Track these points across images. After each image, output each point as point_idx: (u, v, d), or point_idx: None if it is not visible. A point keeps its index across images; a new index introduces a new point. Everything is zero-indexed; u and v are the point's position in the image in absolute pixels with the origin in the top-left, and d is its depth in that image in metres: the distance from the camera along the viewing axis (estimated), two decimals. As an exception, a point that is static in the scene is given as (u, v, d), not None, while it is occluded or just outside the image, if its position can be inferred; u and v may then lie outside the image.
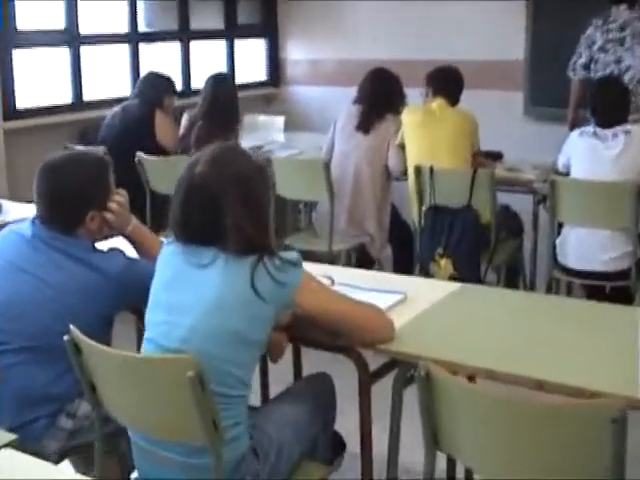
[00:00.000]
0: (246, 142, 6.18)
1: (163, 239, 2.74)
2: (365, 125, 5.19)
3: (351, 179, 5.22)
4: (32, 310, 2.79)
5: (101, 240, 3.02)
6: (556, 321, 2.75)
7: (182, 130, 5.67)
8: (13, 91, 5.89)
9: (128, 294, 2.82)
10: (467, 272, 4.68)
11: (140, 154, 5.40)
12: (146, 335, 2.55)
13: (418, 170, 4.79)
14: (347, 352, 2.68)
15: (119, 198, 2.96)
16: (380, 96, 5.21)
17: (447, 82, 5.07)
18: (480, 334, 2.66)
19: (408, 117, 5.05)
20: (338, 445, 3.16)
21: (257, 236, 2.46)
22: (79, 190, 2.87)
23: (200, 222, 2.48)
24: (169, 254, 2.58)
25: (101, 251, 2.91)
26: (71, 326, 2.48)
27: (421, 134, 4.97)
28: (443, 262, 4.70)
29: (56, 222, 2.87)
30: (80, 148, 3.08)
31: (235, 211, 2.43)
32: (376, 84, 5.25)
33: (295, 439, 2.63)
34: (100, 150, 5.57)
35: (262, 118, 7.05)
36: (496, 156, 5.38)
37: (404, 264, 5.31)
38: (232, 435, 2.44)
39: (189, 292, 2.47)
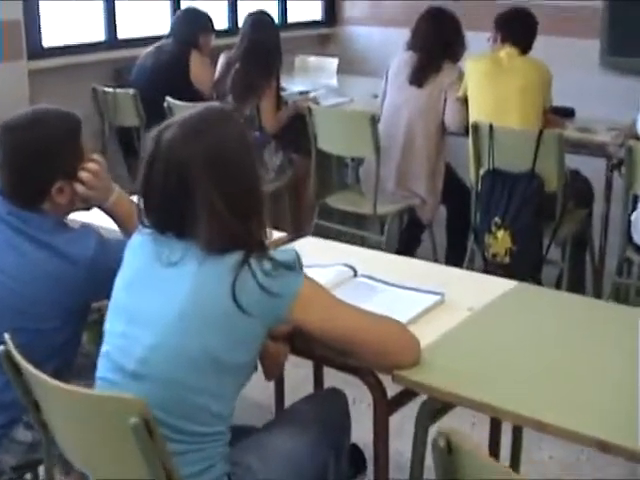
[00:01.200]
0: (294, 86, 5.66)
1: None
2: (419, 77, 4.51)
3: (402, 135, 4.57)
4: (-20, 302, 2.26)
5: (77, 211, 2.46)
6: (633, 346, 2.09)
7: (218, 73, 5.05)
8: (39, 28, 5.30)
9: (100, 284, 2.22)
10: (527, 246, 4.04)
11: (169, 99, 4.81)
12: (103, 347, 1.99)
13: (476, 128, 4.12)
14: (361, 374, 2.09)
15: (93, 166, 2.37)
16: (436, 42, 4.49)
17: (518, 27, 4.35)
18: (531, 361, 2.04)
19: (472, 67, 4.36)
20: (359, 461, 2.61)
21: (239, 228, 1.87)
22: (42, 156, 2.29)
23: (163, 203, 1.90)
24: (137, 244, 2.01)
25: (69, 231, 2.35)
26: (6, 335, 1.92)
27: (486, 87, 4.27)
28: (500, 234, 4.05)
29: (16, 195, 2.31)
30: (48, 105, 2.41)
31: (207, 193, 1.84)
32: (432, 27, 4.53)
33: (291, 477, 2.06)
34: (130, 92, 5.04)
35: (314, 60, 6.40)
36: (567, 113, 4.66)
37: (458, 231, 4.67)
38: (204, 482, 1.88)
39: (153, 297, 1.90)
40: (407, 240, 5.04)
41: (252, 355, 1.92)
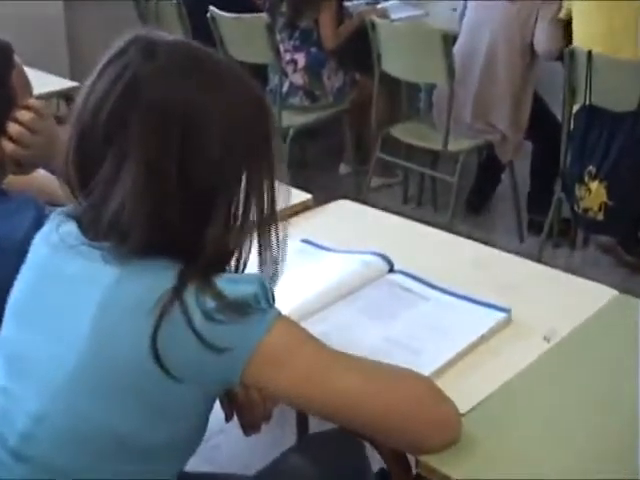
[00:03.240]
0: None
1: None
2: (507, -12, 3.65)
3: (482, 59, 3.74)
4: None
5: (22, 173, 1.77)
6: None
7: (270, -20, 4.27)
8: None
9: None
10: (626, 202, 3.22)
11: (213, 9, 4.05)
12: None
13: (572, 54, 3.28)
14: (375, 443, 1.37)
15: (25, 116, 1.66)
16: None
17: None
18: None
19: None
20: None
21: (179, 225, 1.16)
22: None
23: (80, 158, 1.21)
24: (45, 235, 1.30)
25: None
26: None
27: (596, 10, 3.36)
28: (594, 186, 3.24)
29: None
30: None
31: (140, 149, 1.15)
32: None
33: None
34: (173, 1, 4.30)
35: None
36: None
37: (545, 173, 3.86)
38: None
39: (44, 338, 1.20)
40: (484, 180, 4.27)
41: (188, 428, 1.21)
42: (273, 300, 1.18)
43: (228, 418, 1.46)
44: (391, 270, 1.77)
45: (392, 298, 1.67)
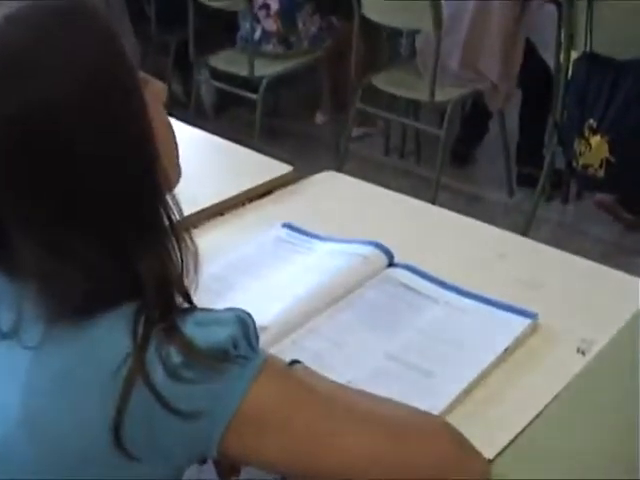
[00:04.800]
0: None
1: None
2: None
3: (473, 3, 3.44)
4: None
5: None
6: None
7: None
8: None
9: None
10: (630, 159, 2.95)
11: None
12: None
13: (570, -4, 3.00)
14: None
15: None
16: None
17: None
18: None
19: None
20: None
21: (105, 271, 0.85)
22: None
23: None
24: None
25: None
26: None
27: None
28: (595, 141, 2.96)
29: None
30: None
31: (21, 197, 0.83)
32: None
33: None
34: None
35: None
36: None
37: (534, 124, 3.61)
38: None
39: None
40: (471, 129, 4.01)
41: None
42: (256, 339, 0.90)
43: (201, 462, 1.19)
44: (391, 264, 1.49)
45: (394, 301, 1.40)
